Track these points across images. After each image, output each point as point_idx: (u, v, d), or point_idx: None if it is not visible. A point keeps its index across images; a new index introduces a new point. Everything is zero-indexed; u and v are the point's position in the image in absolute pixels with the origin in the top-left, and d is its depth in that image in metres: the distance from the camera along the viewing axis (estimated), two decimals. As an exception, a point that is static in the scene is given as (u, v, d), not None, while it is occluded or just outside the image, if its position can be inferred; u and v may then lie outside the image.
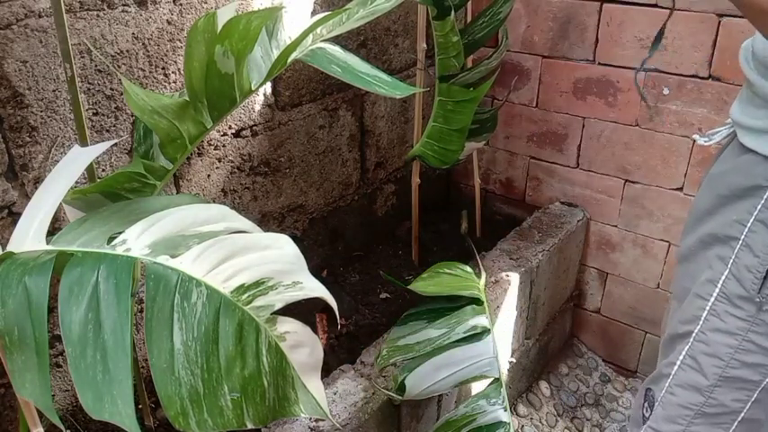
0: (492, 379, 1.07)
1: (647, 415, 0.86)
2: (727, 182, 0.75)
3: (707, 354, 0.77)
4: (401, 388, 1.03)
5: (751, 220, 0.72)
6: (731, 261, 0.74)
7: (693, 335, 0.78)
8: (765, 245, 0.70)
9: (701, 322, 0.77)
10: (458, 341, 1.07)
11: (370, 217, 1.67)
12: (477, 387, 1.22)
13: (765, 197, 0.69)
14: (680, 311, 0.82)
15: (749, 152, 0.72)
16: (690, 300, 0.80)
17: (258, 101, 1.23)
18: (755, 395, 0.75)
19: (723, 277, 0.75)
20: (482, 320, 1.09)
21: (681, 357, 0.80)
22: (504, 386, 1.06)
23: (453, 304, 1.14)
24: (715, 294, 0.76)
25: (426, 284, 1.17)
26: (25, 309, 0.57)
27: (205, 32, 0.73)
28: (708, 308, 0.77)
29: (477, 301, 1.13)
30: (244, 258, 0.60)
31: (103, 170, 1.00)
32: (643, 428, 0.85)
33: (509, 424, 1.03)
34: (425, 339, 1.08)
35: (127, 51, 0.97)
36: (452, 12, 1.20)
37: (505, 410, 1.05)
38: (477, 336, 1.08)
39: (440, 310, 1.14)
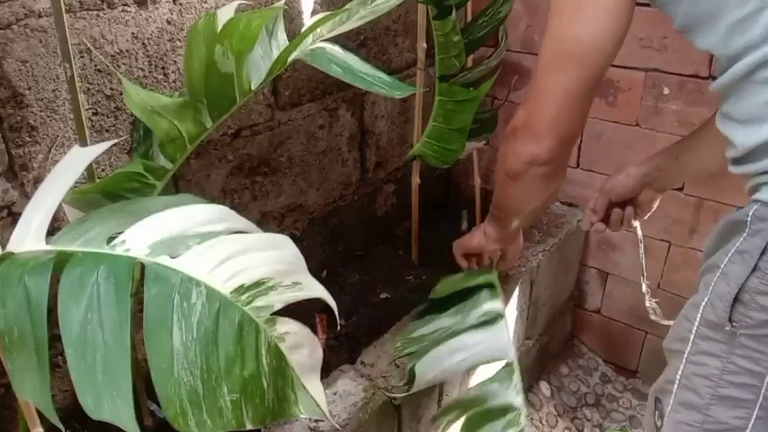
0: (505, 363, 1.05)
1: (659, 424, 0.88)
2: (729, 216, 0.78)
3: (697, 375, 0.79)
4: (411, 376, 1.02)
5: (732, 251, 0.74)
6: (711, 288, 0.76)
7: (685, 355, 0.80)
8: (736, 275, 0.72)
9: (689, 344, 0.79)
10: (471, 327, 1.05)
11: (370, 217, 1.67)
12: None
13: (746, 231, 0.72)
14: (674, 327, 0.85)
15: None
16: (679, 319, 0.83)
17: (258, 101, 1.23)
18: (755, 413, 0.76)
19: (703, 303, 0.77)
20: (496, 305, 1.08)
21: (678, 376, 0.82)
22: (517, 371, 1.04)
23: (468, 293, 1.13)
24: (698, 318, 0.78)
25: (444, 289, 1.16)
26: (25, 309, 0.57)
27: (205, 32, 0.73)
28: (694, 330, 0.78)
29: (491, 286, 1.12)
30: (244, 259, 0.60)
31: (103, 170, 1.00)
32: None
33: (520, 409, 1.00)
34: (440, 328, 1.07)
35: (127, 51, 0.97)
36: (454, 11, 1.20)
37: (518, 395, 1.02)
38: (491, 321, 1.06)
39: (454, 300, 1.13)
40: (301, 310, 0.63)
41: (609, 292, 1.72)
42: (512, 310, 1.40)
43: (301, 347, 0.60)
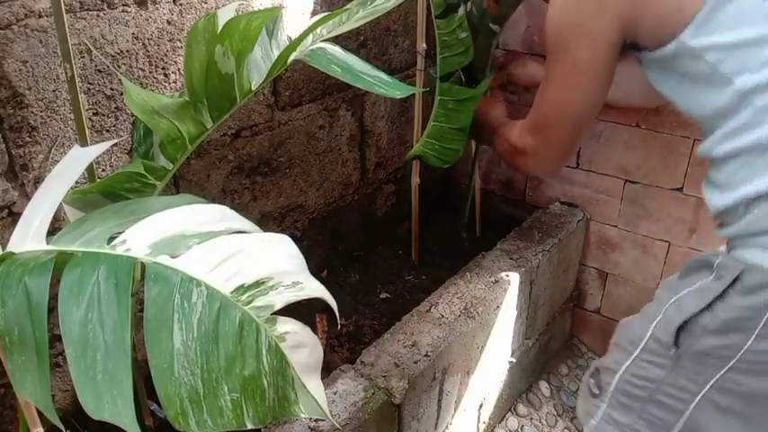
0: None
1: (595, 392, 0.96)
2: (698, 256, 0.86)
3: (638, 376, 0.86)
4: None
5: (694, 286, 0.81)
6: (664, 310, 0.84)
7: (632, 357, 0.88)
8: (689, 307, 0.79)
9: (638, 350, 0.86)
10: None
11: (370, 217, 1.67)
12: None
13: (713, 274, 0.78)
14: (631, 323, 0.92)
15: None
16: (636, 320, 0.90)
17: (258, 101, 1.23)
18: (689, 412, 0.82)
19: (655, 322, 0.84)
20: None
21: (621, 370, 0.89)
22: None
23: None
24: (649, 333, 0.85)
25: None
26: (25, 309, 0.57)
27: (205, 32, 0.73)
28: (643, 342, 0.86)
29: None
30: (244, 258, 0.60)
31: (103, 170, 1.01)
32: (598, 415, 0.95)
33: None
34: None
35: (127, 51, 0.97)
36: (462, 6, 1.20)
37: None
38: None
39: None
40: (301, 310, 0.63)
41: (608, 292, 1.72)
42: (511, 310, 1.40)
43: (302, 347, 0.60)
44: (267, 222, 1.35)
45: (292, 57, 0.79)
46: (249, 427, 0.59)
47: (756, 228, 0.73)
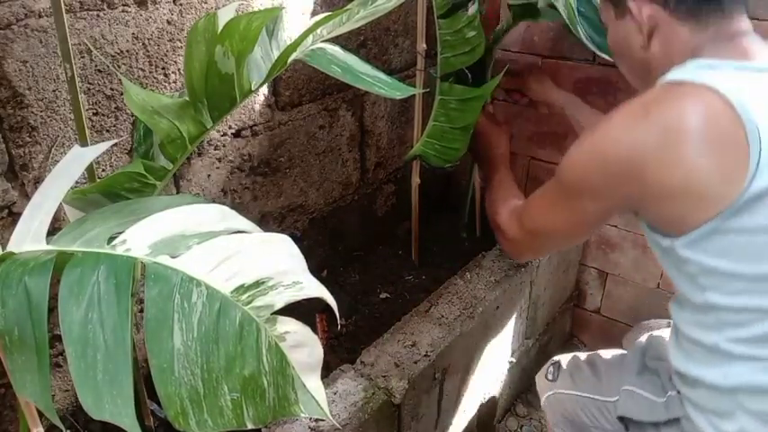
0: None
1: (550, 378, 1.16)
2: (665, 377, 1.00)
3: (589, 408, 1.08)
4: None
5: (648, 396, 0.97)
6: (621, 392, 1.01)
7: (592, 398, 1.08)
8: (638, 409, 0.97)
9: (600, 398, 1.07)
10: None
11: (370, 217, 1.67)
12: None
13: (666, 398, 0.94)
14: (605, 375, 1.10)
15: None
16: (607, 381, 1.08)
17: (258, 101, 1.23)
18: None
19: (614, 399, 1.03)
20: None
21: (581, 394, 1.10)
22: None
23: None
24: (610, 404, 1.04)
25: None
26: (25, 309, 0.57)
27: (205, 33, 0.73)
28: (605, 400, 1.05)
29: None
30: (244, 258, 0.60)
31: (103, 170, 1.01)
32: (547, 394, 1.18)
33: None
34: None
35: (127, 51, 0.97)
36: (474, 5, 1.19)
37: None
38: None
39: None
40: (301, 310, 0.63)
41: (608, 291, 1.72)
42: (511, 310, 1.40)
43: (302, 346, 0.60)
44: (267, 222, 1.35)
45: (292, 57, 0.79)
46: (249, 426, 0.59)
47: (699, 401, 0.86)
